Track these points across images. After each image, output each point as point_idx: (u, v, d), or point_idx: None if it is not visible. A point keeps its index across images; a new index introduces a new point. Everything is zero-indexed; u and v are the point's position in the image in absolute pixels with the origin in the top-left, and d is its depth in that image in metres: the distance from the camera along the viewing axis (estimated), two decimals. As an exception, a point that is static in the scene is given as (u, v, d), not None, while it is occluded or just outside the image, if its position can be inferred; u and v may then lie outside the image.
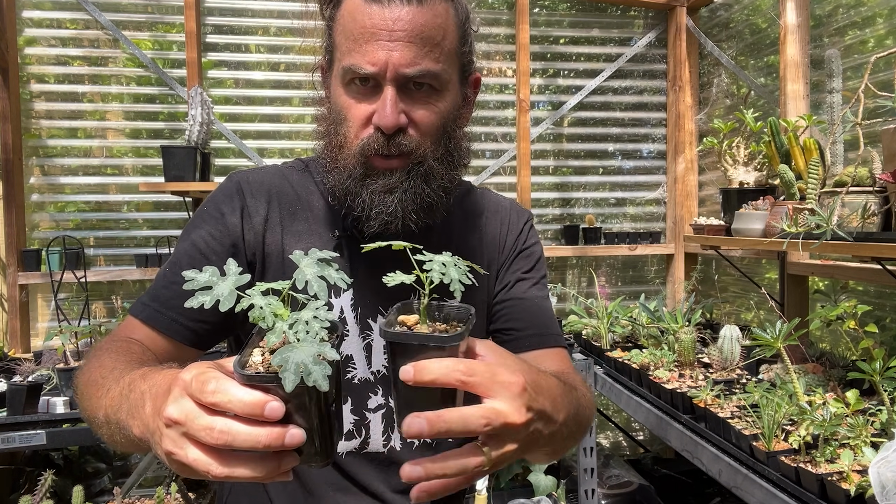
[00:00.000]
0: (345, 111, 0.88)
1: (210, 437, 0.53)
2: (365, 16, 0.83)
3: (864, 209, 1.72)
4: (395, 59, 0.81)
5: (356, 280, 0.93)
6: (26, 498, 1.96)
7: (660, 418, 2.08)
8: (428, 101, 0.86)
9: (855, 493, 1.29)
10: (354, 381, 0.93)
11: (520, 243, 1.07)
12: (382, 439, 0.94)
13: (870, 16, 2.43)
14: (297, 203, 0.97)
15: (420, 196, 0.87)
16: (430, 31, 0.83)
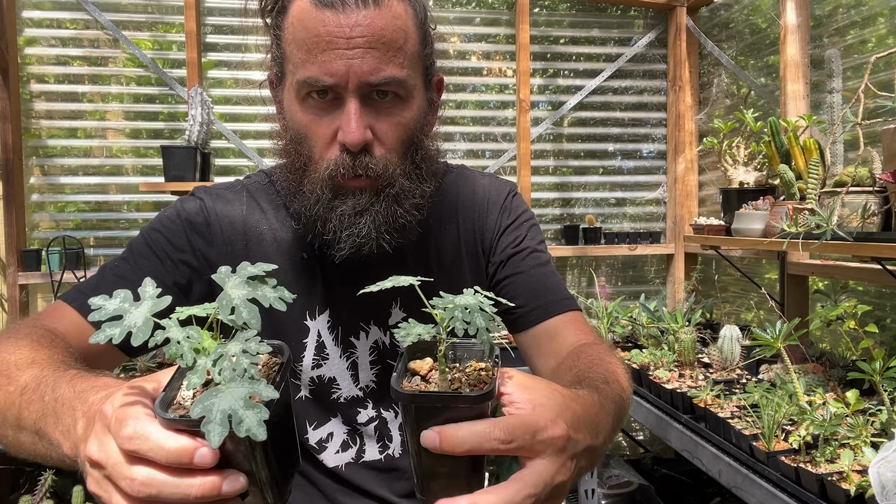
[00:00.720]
0: (304, 129, 0.80)
1: (131, 488, 0.46)
2: (318, 23, 0.74)
3: (864, 209, 1.72)
4: (356, 67, 0.73)
5: (332, 300, 0.89)
6: (26, 498, 1.95)
7: (660, 418, 2.08)
8: (393, 111, 0.80)
9: (855, 493, 1.29)
10: (340, 400, 0.90)
11: (503, 221, 1.01)
12: (378, 447, 0.92)
13: (870, 16, 2.43)
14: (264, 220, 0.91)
15: (393, 217, 0.81)
16: (391, 35, 0.76)
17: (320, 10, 0.74)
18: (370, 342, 0.90)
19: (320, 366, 0.88)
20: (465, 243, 0.98)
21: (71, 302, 0.81)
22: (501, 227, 1.01)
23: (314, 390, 0.90)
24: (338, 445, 0.90)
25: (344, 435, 0.91)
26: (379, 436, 0.92)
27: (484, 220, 0.99)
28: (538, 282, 0.96)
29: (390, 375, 0.57)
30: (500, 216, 1.01)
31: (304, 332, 0.87)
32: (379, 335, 0.91)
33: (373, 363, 0.90)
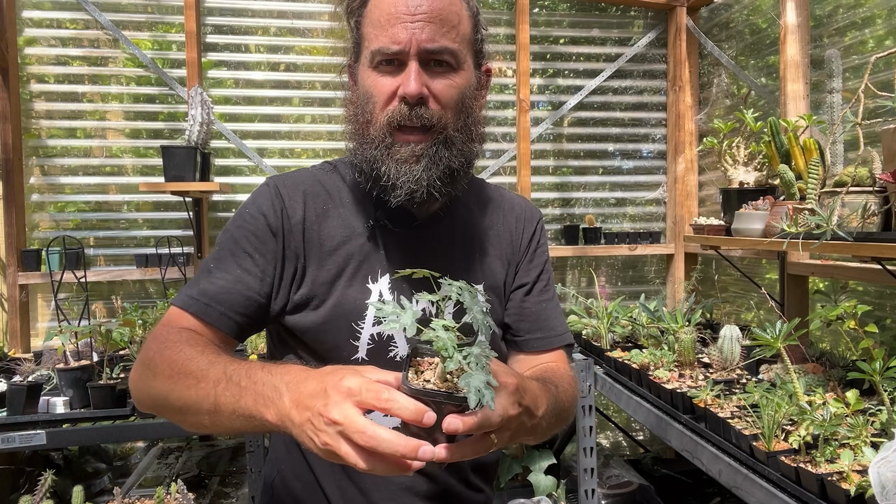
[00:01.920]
0: (371, 89, 0.95)
1: (362, 439, 0.65)
2: (390, 5, 0.92)
3: (864, 209, 1.72)
4: (417, 36, 0.90)
5: (393, 263, 1.00)
6: (26, 498, 1.95)
7: (660, 418, 2.08)
8: (446, 75, 0.95)
9: (855, 493, 1.30)
10: (396, 359, 0.99)
11: (534, 243, 1.15)
12: None
13: (869, 16, 2.43)
14: (329, 200, 1.03)
15: (443, 162, 0.94)
16: (447, 15, 0.93)
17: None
18: (420, 307, 0.99)
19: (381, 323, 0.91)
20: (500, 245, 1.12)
21: (187, 308, 0.94)
22: (532, 249, 1.15)
23: (372, 349, 0.98)
24: None
25: None
26: None
27: (521, 236, 1.14)
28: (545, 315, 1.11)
29: None
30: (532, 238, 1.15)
31: (367, 293, 0.98)
32: (426, 303, 1.00)
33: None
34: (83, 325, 2.32)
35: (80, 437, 2.09)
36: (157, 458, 3.03)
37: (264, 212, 1.00)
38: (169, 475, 2.78)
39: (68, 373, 2.13)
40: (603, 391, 2.57)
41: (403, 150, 0.93)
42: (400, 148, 0.93)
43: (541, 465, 2.85)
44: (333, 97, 3.38)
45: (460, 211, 1.08)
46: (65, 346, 2.21)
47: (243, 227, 0.99)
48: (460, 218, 1.08)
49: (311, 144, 3.38)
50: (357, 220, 1.02)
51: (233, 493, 2.64)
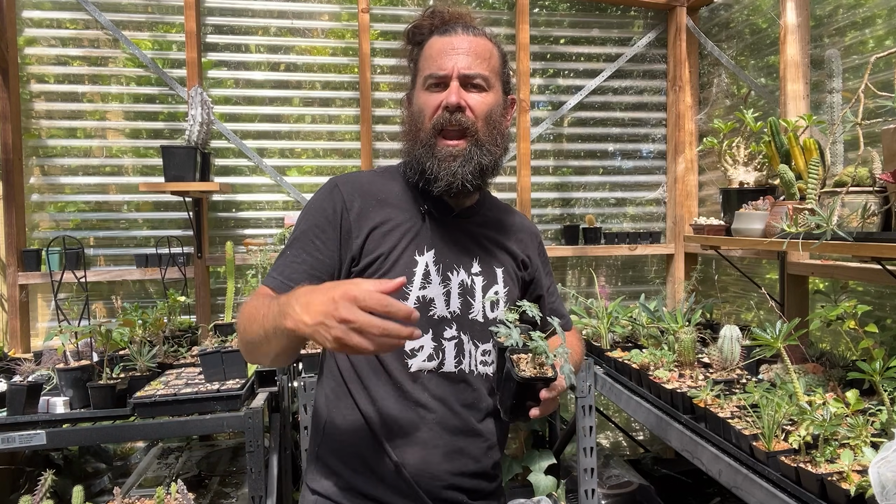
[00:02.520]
0: (423, 104, 1.22)
1: (370, 327, 0.85)
2: (440, 43, 1.22)
3: (864, 209, 1.72)
4: (458, 64, 1.19)
5: (436, 243, 1.25)
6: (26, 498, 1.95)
7: (660, 418, 2.08)
8: (479, 93, 1.22)
9: (855, 493, 1.30)
10: (435, 317, 1.21)
11: (542, 255, 1.45)
12: (454, 362, 1.22)
13: (869, 16, 2.43)
14: (384, 192, 1.28)
15: (474, 160, 1.20)
16: (481, 51, 1.22)
17: (442, 37, 1.23)
18: (459, 279, 1.25)
19: (425, 287, 1.21)
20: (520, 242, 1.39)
21: (269, 284, 1.18)
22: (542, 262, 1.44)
23: (418, 308, 1.19)
24: (426, 356, 1.21)
25: (431, 349, 1.21)
26: (456, 352, 1.22)
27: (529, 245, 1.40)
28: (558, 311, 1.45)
29: (469, 308, 1.24)
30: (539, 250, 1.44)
31: (415, 264, 1.22)
32: (464, 276, 1.26)
33: (459, 295, 1.24)
34: (83, 325, 2.32)
35: (80, 437, 2.09)
36: (157, 458, 3.03)
37: (324, 206, 1.24)
38: (169, 475, 2.78)
39: (68, 373, 2.13)
40: (603, 391, 2.57)
41: (443, 150, 1.19)
42: (441, 149, 1.19)
43: (541, 465, 2.85)
44: (334, 97, 3.38)
45: (485, 210, 1.36)
46: (65, 346, 2.21)
47: (310, 219, 1.23)
48: (485, 215, 1.35)
49: (311, 144, 3.38)
50: (410, 207, 1.27)
51: (233, 493, 2.64)
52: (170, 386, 2.22)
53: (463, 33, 1.22)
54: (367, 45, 3.29)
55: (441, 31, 1.24)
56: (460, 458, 1.21)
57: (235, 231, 3.31)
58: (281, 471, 2.36)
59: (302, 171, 3.38)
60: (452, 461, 1.20)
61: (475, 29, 1.24)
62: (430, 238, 1.24)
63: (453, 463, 1.20)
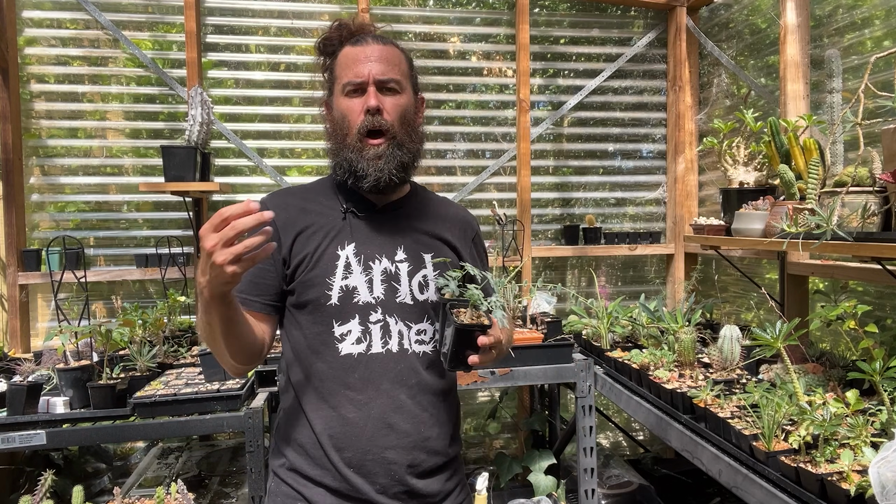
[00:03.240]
0: (346, 109, 1.34)
1: (225, 236, 0.99)
2: (354, 53, 1.35)
3: (864, 209, 1.72)
4: (373, 70, 1.32)
5: (356, 237, 1.36)
6: (26, 498, 1.96)
7: (660, 418, 2.08)
8: (393, 96, 1.34)
9: (855, 493, 1.30)
10: (359, 303, 1.32)
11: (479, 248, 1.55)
12: (381, 343, 1.32)
13: (869, 16, 2.43)
14: (309, 201, 1.41)
15: (397, 158, 1.32)
16: (392, 58, 1.35)
17: (354, 47, 1.35)
18: (381, 268, 1.34)
19: (347, 277, 1.32)
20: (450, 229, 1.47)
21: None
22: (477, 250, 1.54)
23: (342, 297, 1.31)
24: (353, 339, 1.31)
25: (359, 333, 1.31)
26: (382, 334, 1.32)
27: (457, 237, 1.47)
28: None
29: (395, 292, 1.33)
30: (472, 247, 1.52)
31: (336, 258, 1.33)
32: (387, 264, 1.35)
33: (382, 281, 1.33)
34: (83, 325, 2.32)
35: (80, 437, 2.09)
36: (157, 458, 3.03)
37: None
38: (169, 475, 2.78)
39: (68, 373, 2.13)
40: (603, 391, 2.57)
41: (370, 151, 1.31)
42: (368, 150, 1.31)
43: (541, 465, 2.85)
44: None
45: (416, 202, 1.45)
46: (65, 346, 2.21)
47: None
48: (415, 207, 1.45)
49: (311, 144, 3.38)
50: (332, 210, 1.39)
51: (233, 493, 2.64)
52: (170, 386, 2.22)
53: (374, 43, 1.34)
54: (367, 45, 3.28)
55: (353, 42, 1.36)
56: (389, 433, 1.29)
57: (235, 231, 3.31)
58: (281, 471, 2.36)
59: (302, 171, 3.38)
60: (382, 437, 1.29)
61: (383, 38, 1.37)
62: (350, 233, 1.36)
63: (384, 439, 1.29)
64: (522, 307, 2.85)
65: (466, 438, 3.61)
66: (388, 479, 1.28)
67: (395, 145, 1.32)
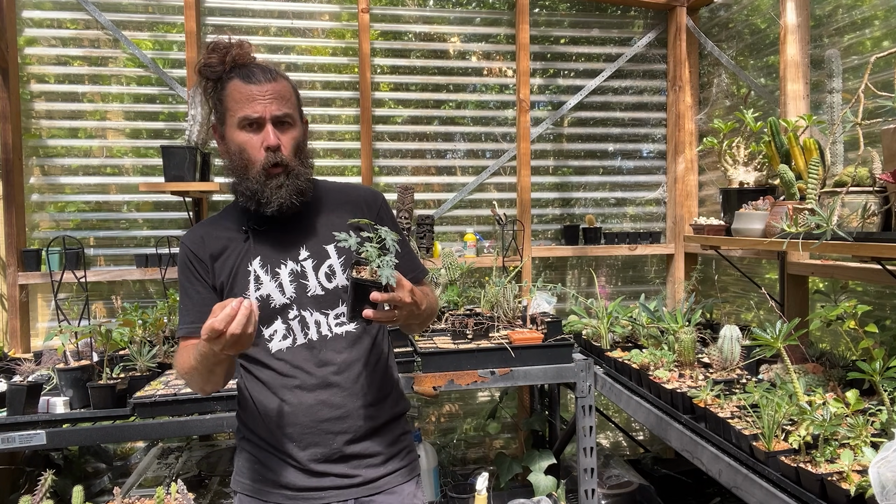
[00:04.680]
0: (244, 144, 1.44)
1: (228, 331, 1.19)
2: (247, 90, 1.42)
3: (864, 209, 1.72)
4: (269, 107, 1.42)
5: (259, 250, 1.50)
6: (26, 498, 1.96)
7: (660, 418, 2.08)
8: (288, 131, 1.46)
9: (855, 493, 1.30)
10: (276, 307, 1.48)
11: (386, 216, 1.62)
12: (302, 335, 1.48)
13: (869, 16, 2.43)
14: (218, 228, 1.55)
15: (295, 186, 1.45)
16: (284, 93, 1.45)
17: (247, 84, 1.42)
18: (287, 270, 1.49)
19: (259, 288, 1.47)
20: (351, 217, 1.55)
21: (182, 335, 1.50)
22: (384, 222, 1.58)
23: (261, 305, 1.46)
24: (280, 337, 1.48)
25: (283, 330, 1.48)
26: (301, 327, 1.48)
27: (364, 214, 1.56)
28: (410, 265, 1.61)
29: (304, 288, 1.48)
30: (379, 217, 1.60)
31: (248, 273, 1.48)
32: (293, 266, 1.49)
33: (291, 282, 1.48)
34: (83, 325, 2.32)
35: (80, 437, 2.09)
36: (157, 458, 3.03)
37: (182, 262, 1.53)
38: (169, 475, 2.78)
39: (68, 373, 2.13)
40: (603, 391, 2.57)
41: (273, 181, 1.43)
42: (271, 180, 1.43)
43: (541, 465, 2.85)
44: (334, 97, 3.38)
45: (314, 202, 1.55)
46: (65, 346, 2.21)
47: (180, 277, 1.54)
48: (314, 207, 1.55)
49: (311, 144, 3.36)
50: (236, 232, 1.52)
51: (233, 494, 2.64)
52: (170, 386, 2.22)
53: (265, 80, 1.43)
54: (367, 45, 3.29)
55: (244, 77, 1.43)
56: (322, 408, 1.46)
57: (235, 231, 3.31)
58: (281, 471, 2.36)
59: (302, 171, 3.38)
60: (316, 413, 1.46)
61: (271, 72, 1.46)
62: (254, 249, 1.50)
63: (318, 413, 1.46)
64: (522, 307, 2.85)
65: (466, 438, 3.61)
66: (327, 447, 1.46)
67: (294, 175, 1.45)
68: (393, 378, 1.62)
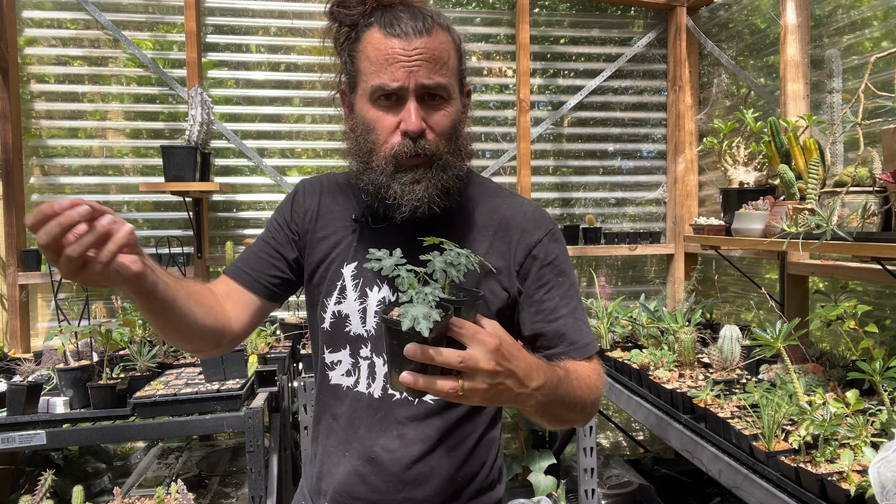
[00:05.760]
0: (373, 122, 1.05)
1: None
2: (387, 46, 1.01)
3: (864, 209, 1.72)
4: (415, 75, 1.00)
5: (360, 255, 1.13)
6: (26, 498, 1.95)
7: (660, 418, 2.08)
8: (440, 108, 1.05)
9: (855, 493, 1.30)
10: (350, 334, 1.13)
11: (544, 259, 1.14)
12: (366, 383, 1.12)
13: (868, 17, 2.43)
14: (333, 199, 1.21)
15: (440, 183, 1.05)
16: (439, 54, 1.03)
17: (388, 37, 1.01)
18: (380, 296, 1.11)
19: (340, 303, 1.13)
20: (496, 250, 1.14)
21: (227, 272, 1.19)
22: (528, 274, 1.14)
23: (333, 322, 1.14)
24: (343, 371, 1.14)
25: (349, 365, 1.14)
26: (368, 373, 1.12)
27: (507, 249, 1.14)
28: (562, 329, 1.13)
29: None
30: (530, 260, 1.14)
31: (339, 276, 1.14)
32: (387, 293, 1.11)
33: (377, 314, 1.11)
34: (83, 325, 2.32)
35: (80, 437, 2.09)
36: (157, 458, 3.03)
37: (282, 205, 1.23)
38: (169, 475, 2.78)
39: (68, 373, 2.13)
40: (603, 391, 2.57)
41: (406, 175, 1.04)
42: (404, 174, 1.04)
43: (541, 465, 2.85)
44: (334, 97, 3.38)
45: (446, 218, 1.12)
46: (65, 346, 2.21)
47: (272, 218, 1.23)
48: (442, 223, 1.11)
49: (311, 144, 3.38)
50: (348, 212, 1.19)
51: (233, 493, 2.64)
52: (170, 386, 2.22)
53: (414, 32, 1.01)
54: (367, 45, 3.28)
55: (386, 25, 1.02)
56: (360, 484, 1.10)
57: (235, 231, 3.31)
58: (281, 471, 2.36)
59: (302, 171, 3.38)
60: (353, 485, 1.10)
61: (426, 18, 1.03)
62: (354, 249, 1.14)
63: (354, 487, 1.10)
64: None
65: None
66: None
67: (439, 167, 1.05)
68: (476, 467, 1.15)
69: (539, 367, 0.90)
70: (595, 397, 1.07)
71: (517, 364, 0.85)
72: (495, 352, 0.81)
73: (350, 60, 1.08)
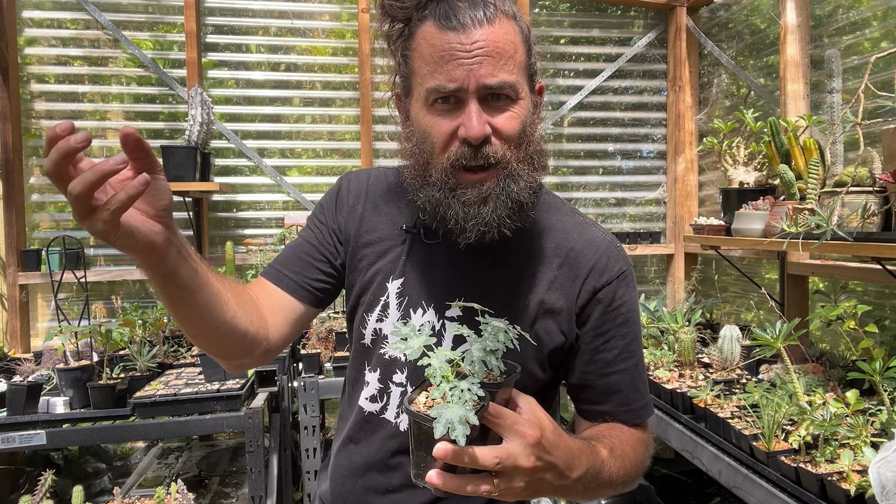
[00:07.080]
0: (429, 129, 0.91)
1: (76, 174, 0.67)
2: (443, 42, 0.88)
3: (864, 209, 1.72)
4: (475, 72, 0.86)
5: (408, 271, 1.02)
6: (26, 498, 1.95)
7: (660, 418, 2.08)
8: (507, 109, 0.91)
9: (855, 493, 1.30)
10: (385, 356, 1.02)
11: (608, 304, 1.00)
12: (396, 412, 1.01)
13: (867, 17, 2.43)
14: (382, 200, 1.09)
15: (511, 198, 0.91)
16: (504, 46, 0.88)
17: (444, 31, 0.88)
18: (424, 320, 0.99)
19: (381, 320, 1.02)
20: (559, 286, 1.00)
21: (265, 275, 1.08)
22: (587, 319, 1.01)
23: (373, 340, 1.03)
24: (368, 395, 1.03)
25: (375, 390, 1.03)
26: (399, 402, 1.01)
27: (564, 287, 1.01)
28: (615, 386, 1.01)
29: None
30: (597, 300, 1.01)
31: (384, 291, 1.03)
32: (432, 317, 0.99)
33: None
34: (83, 325, 2.32)
35: (80, 437, 2.09)
36: (157, 458, 3.03)
37: (324, 201, 1.12)
38: (169, 475, 2.78)
39: (68, 373, 2.13)
40: (603, 391, 2.56)
41: (470, 192, 0.90)
42: (466, 190, 0.91)
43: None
44: (334, 97, 3.38)
45: (513, 239, 0.96)
46: (65, 346, 2.21)
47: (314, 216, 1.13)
48: (505, 246, 0.97)
49: (311, 144, 3.38)
50: (396, 223, 1.06)
51: (233, 493, 2.64)
52: (170, 386, 2.22)
53: (475, 22, 0.87)
54: (367, 45, 3.29)
55: (441, 17, 0.88)
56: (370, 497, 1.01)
57: (235, 231, 3.31)
58: (281, 471, 2.36)
59: (302, 171, 3.38)
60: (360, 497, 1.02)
61: (486, 5, 0.89)
62: (403, 264, 1.02)
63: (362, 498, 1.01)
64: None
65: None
66: None
67: (509, 177, 0.91)
68: None
69: (581, 452, 0.81)
70: (638, 473, 0.96)
71: (558, 455, 0.76)
72: (536, 446, 0.73)
73: (404, 61, 0.95)
